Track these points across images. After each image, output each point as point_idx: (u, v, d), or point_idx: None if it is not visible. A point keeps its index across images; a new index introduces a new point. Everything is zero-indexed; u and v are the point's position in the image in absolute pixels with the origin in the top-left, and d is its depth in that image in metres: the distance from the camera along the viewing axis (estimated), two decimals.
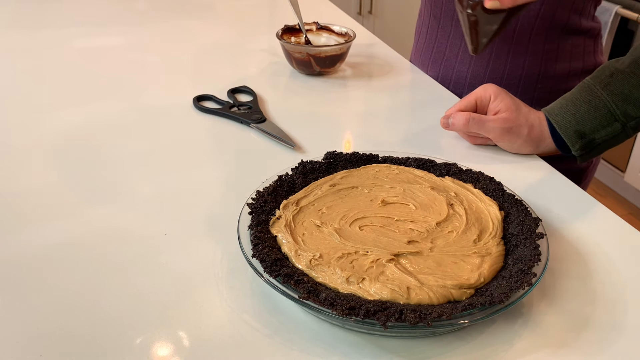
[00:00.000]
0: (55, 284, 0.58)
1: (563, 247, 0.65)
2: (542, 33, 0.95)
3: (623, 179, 2.44)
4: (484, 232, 0.61)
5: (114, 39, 1.28)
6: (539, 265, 0.56)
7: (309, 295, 0.51)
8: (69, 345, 0.51)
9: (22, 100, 0.99)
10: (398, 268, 0.55)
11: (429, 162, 0.73)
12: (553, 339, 0.53)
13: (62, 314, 0.54)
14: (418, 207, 0.65)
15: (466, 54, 1.02)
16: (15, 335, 0.52)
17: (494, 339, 0.53)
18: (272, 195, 0.65)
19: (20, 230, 0.66)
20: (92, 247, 0.63)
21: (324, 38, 1.14)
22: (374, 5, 3.18)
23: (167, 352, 0.51)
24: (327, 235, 0.60)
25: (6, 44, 1.24)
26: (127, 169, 0.79)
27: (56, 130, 0.88)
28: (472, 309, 0.50)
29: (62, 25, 1.35)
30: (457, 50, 1.03)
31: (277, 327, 0.54)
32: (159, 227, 0.67)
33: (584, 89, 0.79)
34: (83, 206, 0.71)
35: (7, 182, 0.75)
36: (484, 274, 0.56)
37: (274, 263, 0.54)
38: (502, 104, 0.81)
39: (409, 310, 0.49)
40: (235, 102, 0.96)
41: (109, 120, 0.92)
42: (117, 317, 0.54)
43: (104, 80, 1.07)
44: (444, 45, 1.05)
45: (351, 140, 0.90)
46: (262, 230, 0.60)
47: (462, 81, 1.04)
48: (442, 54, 1.06)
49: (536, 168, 0.81)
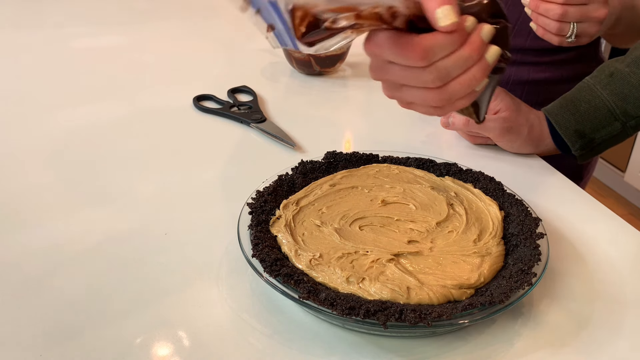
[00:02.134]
0: (55, 284, 0.58)
1: (563, 247, 0.65)
2: (550, 46, 0.94)
3: (623, 179, 2.44)
4: (484, 232, 0.61)
5: (114, 39, 1.28)
6: (539, 265, 0.55)
7: (309, 295, 0.51)
8: (68, 345, 0.51)
9: (22, 100, 0.98)
10: (398, 268, 0.55)
11: (429, 162, 0.73)
12: (553, 339, 0.53)
13: (62, 314, 0.54)
14: (418, 207, 0.64)
15: None
16: (15, 335, 0.52)
17: (494, 339, 0.53)
18: (272, 195, 0.65)
19: (20, 230, 0.66)
20: (92, 247, 0.63)
21: None
22: None
23: (167, 352, 0.51)
24: (327, 235, 0.60)
25: (6, 43, 1.23)
26: (127, 169, 0.79)
27: (56, 130, 0.88)
28: (472, 309, 0.50)
29: (62, 25, 1.35)
30: None
31: (277, 327, 0.54)
32: (159, 227, 0.67)
33: (584, 88, 0.79)
34: (83, 206, 0.70)
35: (7, 182, 0.75)
36: (484, 273, 0.55)
37: (274, 263, 0.54)
38: (502, 104, 0.81)
39: (409, 310, 0.49)
40: (235, 102, 0.96)
41: (108, 120, 0.92)
42: (117, 317, 0.54)
43: (104, 80, 1.07)
44: None
45: (351, 140, 0.90)
46: (262, 230, 0.60)
47: None
48: None
49: (536, 168, 0.81)
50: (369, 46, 0.48)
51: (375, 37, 0.47)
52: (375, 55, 0.49)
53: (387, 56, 0.47)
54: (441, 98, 0.48)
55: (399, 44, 0.45)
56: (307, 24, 0.44)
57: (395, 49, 0.46)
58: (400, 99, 0.52)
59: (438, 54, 0.46)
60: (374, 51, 0.48)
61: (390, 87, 0.51)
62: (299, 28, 0.44)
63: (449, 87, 0.48)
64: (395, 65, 0.48)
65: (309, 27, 0.44)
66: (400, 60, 0.46)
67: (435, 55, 0.46)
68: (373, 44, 0.47)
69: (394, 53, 0.46)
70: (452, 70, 0.47)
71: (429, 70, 0.46)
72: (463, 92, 0.48)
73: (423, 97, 0.49)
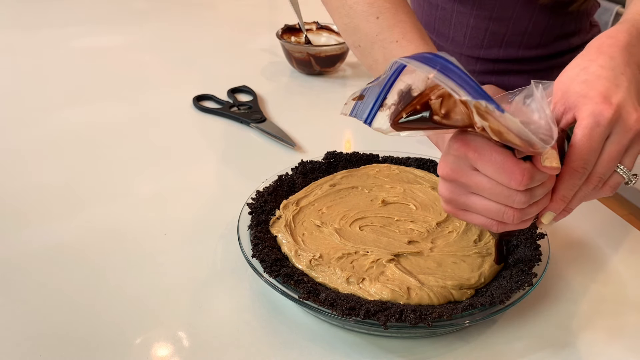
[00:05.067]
0: (54, 284, 0.58)
1: (563, 247, 0.65)
2: (545, 53, 0.93)
3: None
4: (485, 232, 0.61)
5: (114, 39, 1.27)
6: (540, 265, 0.55)
7: (309, 295, 0.51)
8: (68, 345, 0.51)
9: (22, 100, 0.98)
10: (398, 268, 0.55)
11: (429, 162, 0.73)
12: (553, 340, 0.53)
13: (62, 314, 0.54)
14: (418, 207, 0.64)
15: (465, 57, 1.02)
16: (15, 336, 0.52)
17: (495, 340, 0.53)
18: (272, 195, 0.65)
19: (20, 230, 0.66)
20: (92, 247, 0.63)
21: (324, 38, 1.14)
22: None
23: (167, 352, 0.51)
24: (327, 236, 0.60)
25: (6, 43, 1.23)
26: (126, 169, 0.79)
27: (55, 130, 0.88)
28: (472, 309, 0.50)
29: (62, 24, 1.35)
30: (457, 57, 1.03)
31: (277, 327, 0.54)
32: (159, 227, 0.67)
33: None
34: (83, 206, 0.70)
35: (7, 182, 0.75)
36: (484, 274, 0.55)
37: (273, 263, 0.54)
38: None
39: (409, 311, 0.49)
40: (235, 101, 0.96)
41: (108, 120, 0.91)
42: (116, 317, 0.54)
43: (104, 80, 1.07)
44: (442, 49, 1.05)
45: (351, 140, 0.90)
46: (262, 230, 0.60)
47: None
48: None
49: None
50: (462, 146, 0.47)
51: (474, 142, 0.46)
52: (462, 158, 0.47)
53: (483, 167, 0.46)
54: (518, 217, 0.48)
55: (505, 163, 0.45)
56: (412, 110, 0.44)
57: (498, 167, 0.45)
58: (464, 204, 0.50)
59: (536, 183, 0.46)
60: (466, 153, 0.47)
61: (457, 190, 0.50)
62: (402, 113, 0.45)
63: (530, 209, 0.48)
64: (481, 175, 0.47)
65: (412, 113, 0.44)
66: (498, 177, 0.46)
67: (534, 184, 0.46)
68: (470, 147, 0.46)
69: (497, 171, 0.45)
70: (537, 197, 0.48)
71: (523, 193, 0.47)
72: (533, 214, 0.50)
73: (495, 210, 0.48)
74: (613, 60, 0.51)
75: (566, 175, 0.48)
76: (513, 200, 0.47)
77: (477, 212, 0.50)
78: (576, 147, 0.47)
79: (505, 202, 0.47)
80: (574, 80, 0.50)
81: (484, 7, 0.87)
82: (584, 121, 0.47)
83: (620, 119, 0.47)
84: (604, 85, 0.49)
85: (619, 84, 0.49)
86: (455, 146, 0.47)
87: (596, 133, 0.47)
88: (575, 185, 0.49)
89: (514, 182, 0.45)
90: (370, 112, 0.46)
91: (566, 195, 0.49)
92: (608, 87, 0.49)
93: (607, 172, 0.49)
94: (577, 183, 0.49)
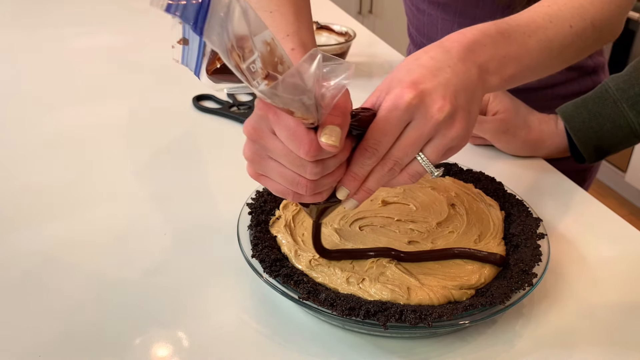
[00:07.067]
0: (54, 284, 0.58)
1: (564, 247, 0.64)
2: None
3: (624, 179, 2.43)
4: (485, 232, 0.61)
5: (114, 39, 1.27)
6: (540, 265, 0.55)
7: (309, 295, 0.51)
8: (68, 345, 0.51)
9: (22, 100, 0.98)
10: (398, 268, 0.55)
11: None
12: (554, 340, 0.53)
13: (62, 314, 0.54)
14: (418, 207, 0.64)
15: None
16: (15, 336, 0.52)
17: (495, 340, 0.53)
18: (271, 195, 0.65)
19: (19, 230, 0.66)
20: (92, 247, 0.63)
21: (324, 37, 1.14)
22: (374, 4, 3.18)
23: (166, 353, 0.51)
24: (327, 236, 0.60)
25: (6, 43, 1.23)
26: (126, 169, 0.79)
27: (55, 130, 0.88)
28: (472, 309, 0.50)
29: (62, 25, 1.35)
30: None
31: (277, 327, 0.54)
32: (159, 227, 0.67)
33: (610, 103, 0.75)
34: (82, 206, 0.70)
35: (6, 182, 0.75)
36: (484, 274, 0.55)
37: (273, 263, 0.54)
38: (500, 105, 0.81)
39: (410, 311, 0.49)
40: (235, 101, 0.96)
41: (108, 120, 0.91)
42: (116, 317, 0.54)
43: (104, 80, 1.07)
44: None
45: None
46: (261, 231, 0.60)
47: None
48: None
49: (537, 168, 0.81)
50: (265, 106, 0.45)
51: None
52: (264, 118, 0.46)
53: (279, 131, 0.45)
54: (311, 187, 0.47)
55: (296, 131, 0.44)
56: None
57: (290, 134, 0.44)
58: (264, 168, 0.49)
59: (326, 155, 0.45)
60: (267, 114, 0.45)
61: (258, 152, 0.49)
62: (215, 62, 0.42)
63: (323, 180, 0.47)
64: (278, 139, 0.46)
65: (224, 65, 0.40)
66: (290, 144, 0.44)
67: (323, 156, 0.45)
68: (271, 109, 0.44)
69: (289, 137, 0.44)
70: (330, 169, 0.47)
71: (314, 164, 0.45)
72: (329, 188, 0.49)
73: (290, 177, 0.47)
74: (446, 54, 0.50)
75: (357, 153, 0.48)
76: (305, 170, 0.46)
77: (274, 179, 0.49)
78: (371, 128, 0.47)
79: (298, 171, 0.46)
80: (402, 68, 0.50)
81: (465, 15, 0.89)
82: (385, 103, 0.47)
83: (422, 105, 0.47)
84: (420, 72, 0.48)
85: (437, 75, 0.48)
86: (259, 105, 0.46)
87: (393, 116, 0.47)
88: (365, 164, 0.48)
89: (302, 150, 0.44)
90: (197, 62, 0.42)
91: (357, 173, 0.49)
92: (423, 75, 0.48)
93: (404, 157, 0.48)
94: (367, 162, 0.48)
